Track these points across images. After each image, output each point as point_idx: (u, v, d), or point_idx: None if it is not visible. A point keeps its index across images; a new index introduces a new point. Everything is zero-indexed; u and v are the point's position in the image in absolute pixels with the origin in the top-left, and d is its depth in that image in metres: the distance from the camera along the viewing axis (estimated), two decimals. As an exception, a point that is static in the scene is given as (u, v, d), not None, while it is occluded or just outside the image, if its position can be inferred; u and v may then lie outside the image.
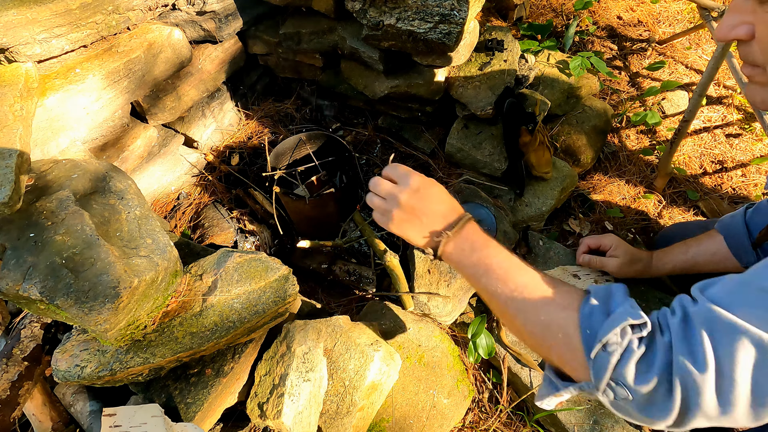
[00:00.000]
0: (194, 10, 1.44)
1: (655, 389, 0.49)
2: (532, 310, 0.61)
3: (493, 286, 0.66)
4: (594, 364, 0.52)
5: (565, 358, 0.57)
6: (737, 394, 0.45)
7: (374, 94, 1.60)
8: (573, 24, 2.00)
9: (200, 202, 1.61)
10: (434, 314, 1.23)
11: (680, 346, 0.48)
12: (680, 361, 0.47)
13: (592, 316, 0.55)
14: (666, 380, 0.48)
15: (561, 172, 1.49)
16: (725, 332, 0.46)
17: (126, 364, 0.86)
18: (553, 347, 0.58)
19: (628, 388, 0.50)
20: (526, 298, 0.62)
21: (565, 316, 0.57)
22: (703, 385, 0.46)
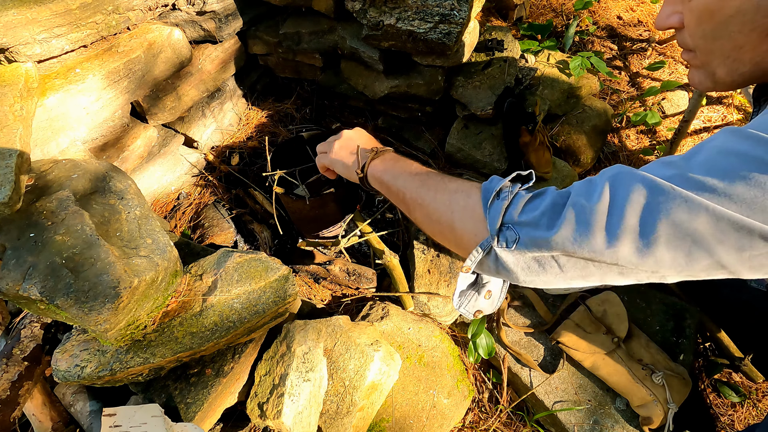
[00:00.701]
0: (194, 10, 1.44)
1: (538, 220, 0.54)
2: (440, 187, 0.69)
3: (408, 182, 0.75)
4: (489, 213, 0.58)
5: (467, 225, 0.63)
6: (624, 227, 0.47)
7: (374, 94, 1.60)
8: (573, 24, 2.00)
9: (200, 202, 1.61)
10: (434, 314, 1.23)
11: (579, 190, 0.53)
12: (575, 199, 0.52)
13: (491, 182, 0.62)
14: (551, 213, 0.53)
15: (561, 172, 1.49)
16: (625, 179, 0.50)
17: (126, 364, 0.86)
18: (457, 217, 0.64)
19: (516, 227, 0.55)
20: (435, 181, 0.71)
21: (469, 186, 0.66)
22: (593, 211, 0.49)
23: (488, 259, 0.59)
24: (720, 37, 0.52)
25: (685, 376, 1.07)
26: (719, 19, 0.50)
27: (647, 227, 0.47)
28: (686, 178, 0.46)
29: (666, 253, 0.47)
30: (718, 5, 0.50)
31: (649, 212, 0.47)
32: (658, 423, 1.02)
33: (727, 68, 0.54)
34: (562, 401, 1.11)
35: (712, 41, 0.53)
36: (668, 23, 0.57)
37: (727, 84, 0.56)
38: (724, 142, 0.47)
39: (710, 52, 0.54)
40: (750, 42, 0.50)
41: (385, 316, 1.23)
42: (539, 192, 0.58)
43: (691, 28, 0.54)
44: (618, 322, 1.14)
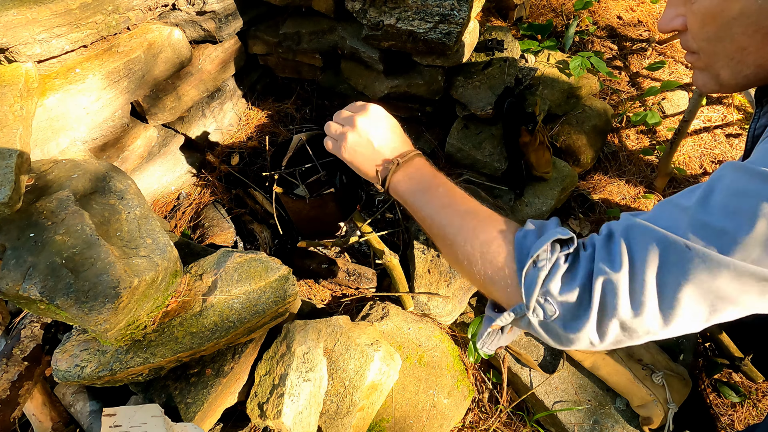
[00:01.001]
0: (194, 10, 1.44)
1: (578, 299, 0.51)
2: (471, 233, 0.63)
3: (436, 213, 0.68)
4: (525, 281, 0.54)
5: (499, 282, 0.59)
6: (647, 295, 0.47)
7: (374, 94, 1.60)
8: (573, 24, 2.00)
9: (200, 202, 1.61)
10: (434, 314, 1.23)
11: (601, 253, 0.51)
12: (600, 266, 0.50)
13: (526, 238, 0.58)
14: (587, 288, 0.51)
15: (561, 172, 1.49)
16: (639, 236, 0.49)
17: (126, 364, 0.86)
18: (489, 271, 0.60)
19: (555, 302, 0.52)
20: (466, 222, 0.64)
21: (501, 238, 0.60)
22: (618, 283, 0.48)
23: (520, 321, 0.57)
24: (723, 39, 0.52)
25: (685, 376, 1.07)
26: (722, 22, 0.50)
27: (668, 293, 0.46)
28: (703, 228, 0.45)
29: (690, 311, 0.46)
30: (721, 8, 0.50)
31: (666, 275, 0.46)
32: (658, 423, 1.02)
33: (731, 70, 0.54)
34: (562, 401, 1.11)
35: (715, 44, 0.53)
36: (671, 26, 0.57)
37: (732, 86, 0.56)
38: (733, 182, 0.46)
39: (714, 54, 0.54)
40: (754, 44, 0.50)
41: (385, 316, 1.23)
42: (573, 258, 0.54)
43: (694, 31, 0.54)
44: (618, 322, 1.14)
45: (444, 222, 0.67)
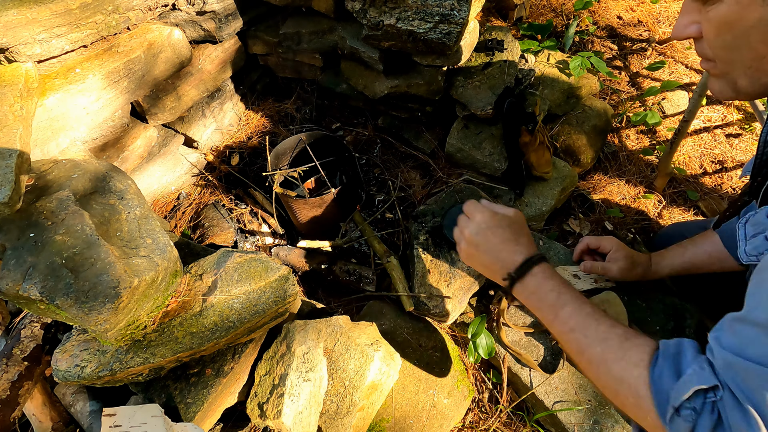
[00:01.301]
0: (194, 10, 1.44)
1: None
2: (603, 365, 0.62)
3: (565, 336, 0.68)
4: (671, 429, 0.53)
5: (639, 417, 0.58)
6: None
7: (374, 94, 1.60)
8: (573, 24, 2.00)
9: (200, 202, 1.61)
10: (434, 314, 1.23)
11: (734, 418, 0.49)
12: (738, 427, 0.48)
13: (662, 378, 0.55)
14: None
15: (561, 172, 1.49)
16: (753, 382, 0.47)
17: (126, 364, 0.86)
18: (627, 404, 0.59)
19: None
20: (596, 352, 0.63)
21: (636, 375, 0.58)
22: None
23: None
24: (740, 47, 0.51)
25: (685, 376, 1.07)
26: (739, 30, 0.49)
27: None
28: None
29: None
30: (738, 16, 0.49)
31: None
32: (658, 423, 1.02)
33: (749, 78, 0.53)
34: (562, 401, 1.11)
35: (732, 52, 0.52)
36: (686, 33, 0.56)
37: (749, 94, 0.55)
38: None
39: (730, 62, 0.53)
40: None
41: (385, 316, 1.23)
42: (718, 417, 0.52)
43: (710, 39, 0.53)
44: (618, 322, 1.14)
45: (572, 346, 0.66)
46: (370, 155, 1.72)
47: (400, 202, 1.55)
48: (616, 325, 0.65)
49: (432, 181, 1.60)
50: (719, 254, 0.99)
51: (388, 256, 1.33)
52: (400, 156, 1.71)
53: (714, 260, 1.00)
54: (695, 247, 1.03)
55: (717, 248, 0.99)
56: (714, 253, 0.99)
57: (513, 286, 0.76)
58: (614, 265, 1.09)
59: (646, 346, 0.60)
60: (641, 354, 0.59)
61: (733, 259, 0.97)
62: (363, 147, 1.74)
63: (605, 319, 0.66)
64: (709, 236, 1.02)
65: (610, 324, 0.65)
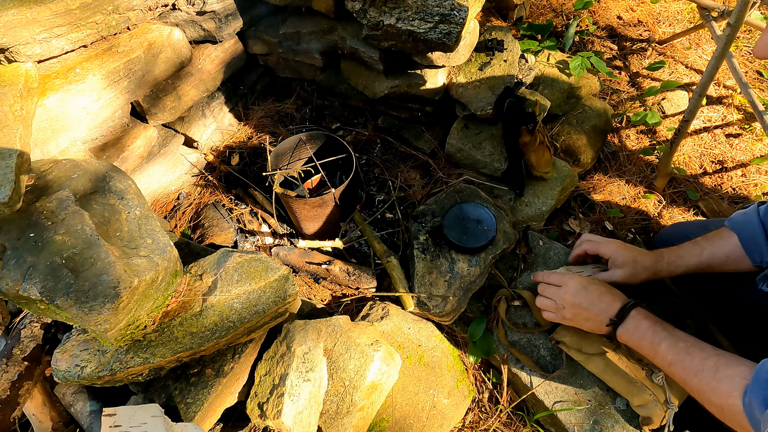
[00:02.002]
0: (194, 10, 1.44)
1: None
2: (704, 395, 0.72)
3: (666, 369, 0.80)
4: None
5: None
6: None
7: (374, 94, 1.60)
8: (573, 24, 2.00)
9: (200, 202, 1.61)
10: (434, 314, 1.23)
11: None
12: None
13: (752, 407, 0.62)
14: None
15: (561, 172, 1.49)
16: None
17: (126, 364, 0.86)
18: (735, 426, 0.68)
19: None
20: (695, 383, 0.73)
21: (731, 403, 0.67)
22: None
23: None
24: None
25: (685, 376, 1.07)
26: None
27: None
28: None
29: None
30: None
31: None
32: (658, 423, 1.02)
33: None
34: (562, 401, 1.11)
35: None
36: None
37: None
38: None
39: None
40: None
41: (385, 316, 1.23)
42: None
43: None
44: (618, 322, 1.14)
45: (676, 378, 0.77)
46: (370, 155, 1.72)
47: (400, 202, 1.55)
48: (710, 356, 0.75)
49: (432, 181, 1.60)
50: (737, 256, 0.97)
51: (388, 256, 1.33)
52: (400, 156, 1.71)
53: (731, 261, 0.99)
54: (713, 248, 1.01)
55: (735, 250, 0.98)
56: (732, 255, 0.98)
57: (616, 330, 0.89)
58: (615, 274, 1.06)
59: (736, 377, 0.69)
60: (732, 386, 0.68)
61: (749, 261, 0.96)
62: (363, 147, 1.74)
63: (698, 351, 0.78)
64: (725, 236, 1.00)
65: (702, 357, 0.76)
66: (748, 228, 0.96)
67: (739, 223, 0.99)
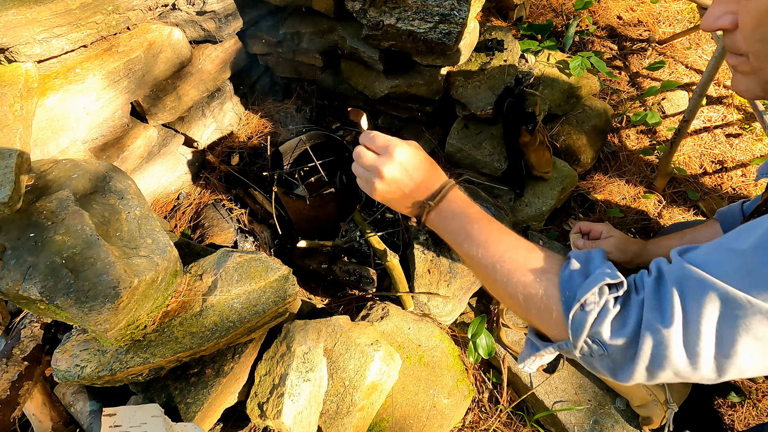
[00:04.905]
0: (194, 10, 1.44)
1: (627, 345, 0.51)
2: (514, 274, 0.62)
3: (474, 251, 0.67)
4: (572, 323, 0.54)
5: (544, 320, 0.59)
6: (703, 346, 0.46)
7: (374, 94, 1.60)
8: (573, 24, 2.00)
9: (200, 202, 1.61)
10: (434, 314, 1.23)
11: (650, 302, 0.51)
12: (649, 318, 0.50)
13: (571, 278, 0.57)
14: (636, 339, 0.51)
15: (561, 172, 1.49)
16: (695, 287, 0.48)
17: (126, 364, 0.86)
18: (533, 309, 0.60)
19: (604, 345, 0.53)
20: (507, 262, 0.63)
21: (545, 279, 0.59)
22: (669, 338, 0.48)
23: (566, 353, 0.58)
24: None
25: (685, 376, 1.07)
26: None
27: (726, 344, 0.45)
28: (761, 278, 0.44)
29: (748, 362, 0.46)
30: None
31: (726, 327, 0.45)
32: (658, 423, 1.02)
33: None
34: (562, 401, 1.11)
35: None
36: (718, 24, 0.53)
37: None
38: None
39: (766, 57, 0.49)
40: None
41: (385, 316, 1.23)
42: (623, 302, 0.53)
43: (747, 31, 0.50)
44: (618, 322, 1.14)
45: (482, 262, 0.66)
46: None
47: (400, 202, 1.54)
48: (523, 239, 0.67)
49: (432, 181, 1.60)
50: None
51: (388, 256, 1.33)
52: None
53: None
54: (696, 233, 1.03)
55: (717, 234, 0.99)
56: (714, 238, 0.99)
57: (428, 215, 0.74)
58: (605, 242, 1.07)
59: (555, 257, 0.63)
60: (552, 261, 0.61)
61: None
62: (363, 147, 1.74)
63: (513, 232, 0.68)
64: (710, 224, 1.02)
65: (517, 236, 0.67)
66: (730, 216, 0.98)
67: (723, 213, 1.02)
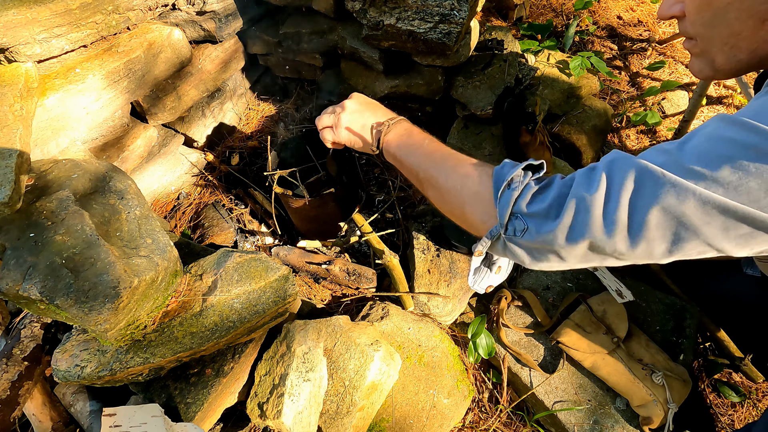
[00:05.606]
0: (194, 10, 1.44)
1: (546, 213, 0.56)
2: (453, 169, 0.72)
3: (423, 160, 0.78)
4: (500, 203, 0.60)
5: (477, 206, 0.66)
6: (619, 214, 0.50)
7: (374, 94, 1.60)
8: (573, 24, 2.00)
9: (200, 202, 1.61)
10: (434, 314, 1.23)
11: (580, 179, 0.56)
12: (576, 189, 0.54)
13: (503, 168, 0.65)
14: (557, 205, 0.55)
15: (561, 172, 1.49)
16: (621, 165, 0.53)
17: (126, 364, 0.86)
18: (468, 198, 0.67)
19: (524, 218, 0.58)
20: (448, 162, 0.74)
21: (480, 169, 0.68)
22: (592, 203, 0.52)
23: (497, 243, 0.63)
24: (718, 24, 0.53)
25: (685, 376, 1.07)
26: (717, 6, 0.52)
27: (638, 212, 0.49)
28: (678, 165, 0.49)
29: (656, 235, 0.49)
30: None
31: (639, 197, 0.49)
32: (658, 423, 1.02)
33: (725, 55, 0.55)
34: (562, 401, 1.11)
35: (711, 28, 0.55)
36: (671, 12, 0.60)
37: (726, 72, 0.58)
38: (714, 129, 0.49)
39: (709, 39, 0.56)
40: (747, 28, 0.51)
41: (385, 316, 1.23)
42: (547, 183, 0.60)
43: (691, 16, 0.57)
44: (618, 322, 1.14)
45: (428, 165, 0.76)
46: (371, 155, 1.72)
47: (400, 202, 1.55)
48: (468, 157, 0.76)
49: (432, 181, 1.60)
50: None
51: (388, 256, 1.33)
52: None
53: None
54: None
55: None
56: None
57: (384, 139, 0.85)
58: None
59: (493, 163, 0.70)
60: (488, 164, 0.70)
61: None
62: (363, 147, 1.74)
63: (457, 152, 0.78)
64: None
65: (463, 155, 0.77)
66: None
67: None
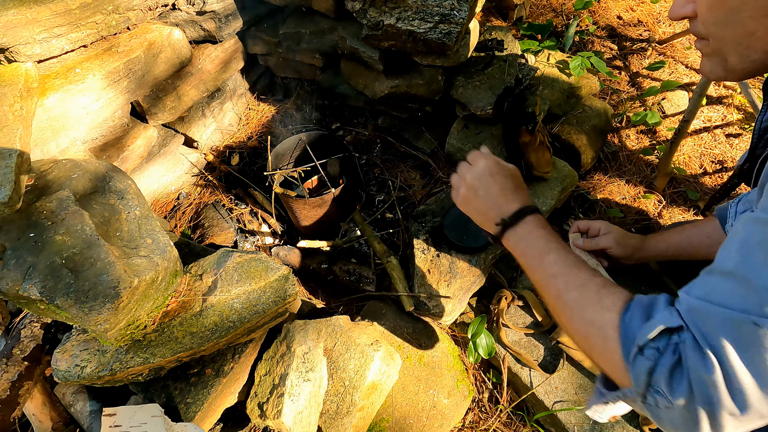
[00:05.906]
0: (194, 10, 1.44)
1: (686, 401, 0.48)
2: (578, 308, 0.63)
3: (545, 281, 0.69)
4: (633, 369, 0.52)
5: (606, 361, 0.58)
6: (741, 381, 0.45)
7: (374, 94, 1.60)
8: (573, 24, 2.00)
9: (200, 202, 1.61)
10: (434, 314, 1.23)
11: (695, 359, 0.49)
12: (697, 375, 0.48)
13: (632, 321, 0.55)
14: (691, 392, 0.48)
15: (561, 172, 1.49)
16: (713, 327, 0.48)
17: (126, 364, 0.86)
18: (595, 347, 0.59)
19: (667, 398, 0.50)
20: (573, 296, 0.64)
21: (607, 318, 0.58)
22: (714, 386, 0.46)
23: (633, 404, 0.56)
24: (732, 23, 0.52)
25: (685, 376, 1.07)
26: (731, 6, 0.51)
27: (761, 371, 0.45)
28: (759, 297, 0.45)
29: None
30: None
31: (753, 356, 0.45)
32: (658, 423, 1.02)
33: (738, 55, 0.54)
34: (562, 401, 1.11)
35: (723, 28, 0.53)
36: (682, 12, 0.58)
37: (738, 72, 0.56)
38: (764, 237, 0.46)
39: (722, 39, 0.54)
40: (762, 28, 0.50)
41: (385, 316, 1.23)
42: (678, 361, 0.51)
43: (703, 15, 0.55)
44: (618, 322, 1.14)
45: (552, 292, 0.67)
46: (370, 155, 1.72)
47: (400, 202, 1.55)
48: (597, 275, 0.66)
49: (432, 181, 1.60)
50: (718, 236, 0.98)
51: (388, 256, 1.33)
52: (400, 156, 1.71)
53: (713, 242, 0.98)
54: (695, 228, 1.03)
55: (716, 230, 0.99)
56: (713, 235, 0.99)
57: (504, 232, 0.76)
58: (605, 238, 1.06)
59: (621, 294, 0.61)
60: (616, 300, 0.60)
61: None
62: (363, 147, 1.74)
63: (587, 268, 0.68)
64: (709, 219, 1.03)
65: (590, 273, 0.67)
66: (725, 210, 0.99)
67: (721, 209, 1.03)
